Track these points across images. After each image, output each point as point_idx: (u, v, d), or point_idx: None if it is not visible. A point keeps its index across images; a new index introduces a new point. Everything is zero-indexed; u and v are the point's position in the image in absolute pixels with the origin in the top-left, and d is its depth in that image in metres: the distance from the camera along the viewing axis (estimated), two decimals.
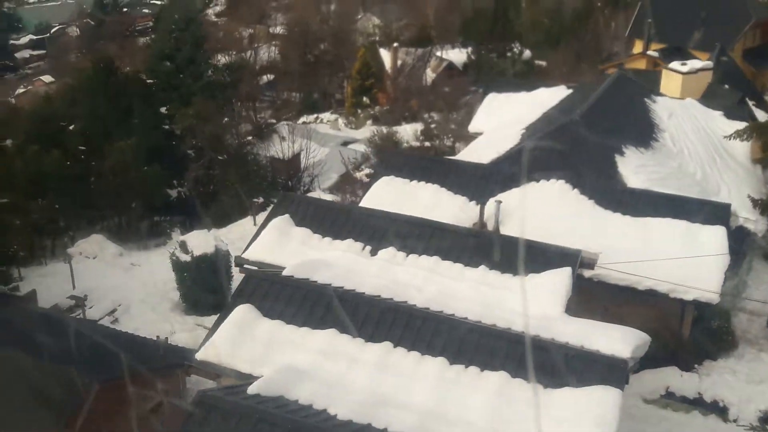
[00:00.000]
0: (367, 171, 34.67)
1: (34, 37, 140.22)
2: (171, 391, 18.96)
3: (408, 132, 44.08)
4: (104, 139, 36.23)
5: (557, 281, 12.67)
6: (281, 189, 37.66)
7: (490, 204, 16.73)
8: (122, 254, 34.79)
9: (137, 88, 37.12)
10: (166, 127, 37.84)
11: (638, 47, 48.26)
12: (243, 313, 11.66)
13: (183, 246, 26.70)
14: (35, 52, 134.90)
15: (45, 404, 15.60)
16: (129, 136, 36.00)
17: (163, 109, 37.43)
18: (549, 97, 23.93)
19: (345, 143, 46.74)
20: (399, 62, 61.12)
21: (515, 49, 57.37)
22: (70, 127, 39.25)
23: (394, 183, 18.39)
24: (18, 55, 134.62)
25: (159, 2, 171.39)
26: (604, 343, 10.59)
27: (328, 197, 37.37)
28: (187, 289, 26.70)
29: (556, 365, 10.09)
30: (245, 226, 34.77)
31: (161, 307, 27.64)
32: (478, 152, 20.75)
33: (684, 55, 45.48)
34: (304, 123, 55.20)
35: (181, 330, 25.55)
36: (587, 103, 19.31)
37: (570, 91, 23.87)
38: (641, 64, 44.38)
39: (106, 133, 36.44)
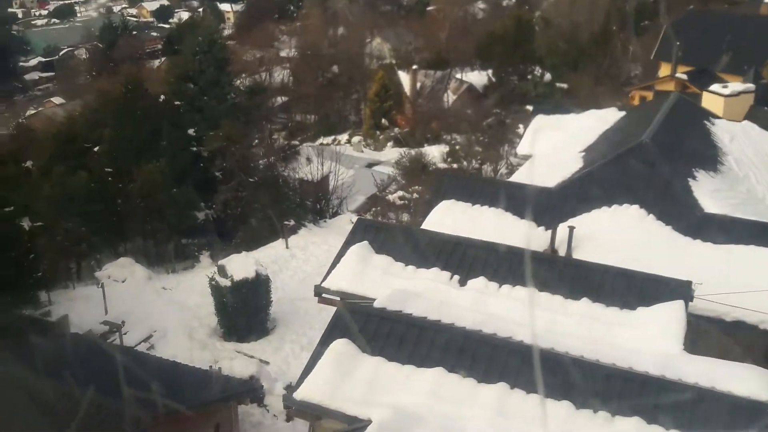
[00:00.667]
0: (400, 193, 34.04)
1: (43, 59, 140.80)
2: (225, 422, 18.29)
3: (434, 153, 43.57)
4: (132, 160, 35.74)
5: (672, 316, 11.94)
6: (311, 212, 37.09)
7: (561, 229, 16.10)
8: (151, 278, 34.14)
9: (166, 110, 36.65)
10: (194, 149, 37.30)
11: (664, 70, 47.92)
12: (341, 349, 10.96)
13: (222, 270, 26.06)
14: (44, 74, 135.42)
15: None
16: (157, 158, 35.54)
17: (190, 131, 36.89)
18: (600, 119, 23.42)
19: (369, 165, 46.24)
20: (418, 84, 60.83)
21: (536, 72, 57.08)
22: (95, 149, 38.82)
23: (455, 207, 17.77)
24: (27, 76, 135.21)
25: (167, 26, 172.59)
26: (737, 384, 9.92)
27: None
28: (226, 315, 26.02)
29: (692, 410, 9.42)
30: (277, 248, 34.15)
31: (198, 333, 26.93)
32: (534, 175, 20.16)
33: (712, 78, 45.10)
34: (322, 144, 54.77)
35: (221, 357, 24.84)
36: (651, 125, 18.77)
37: (622, 113, 23.37)
38: (670, 87, 43.96)
39: (134, 155, 35.93)
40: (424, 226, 17.70)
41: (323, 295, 15.42)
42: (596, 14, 77.89)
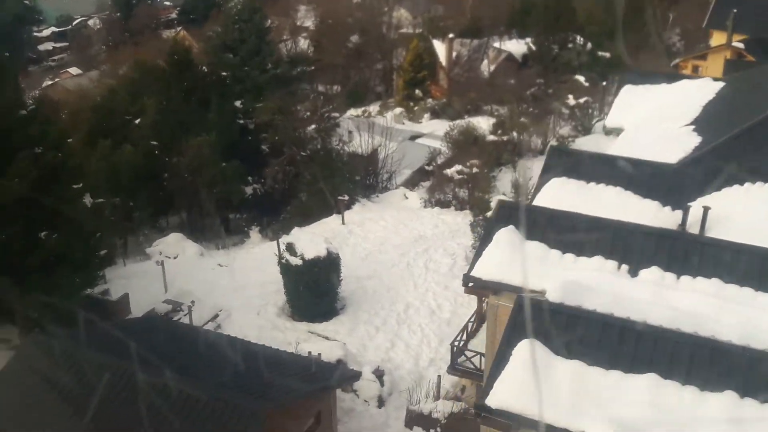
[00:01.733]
0: (457, 167, 32.88)
1: (56, 30, 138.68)
2: (325, 410, 17.44)
3: (482, 125, 42.28)
4: (178, 134, 34.65)
5: None
6: (362, 186, 36.01)
7: (694, 209, 15.02)
8: (203, 254, 33.25)
9: (212, 81, 35.41)
10: (240, 121, 36.12)
11: (717, 38, 46.32)
12: (530, 351, 9.87)
13: (290, 248, 25.06)
14: (58, 45, 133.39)
15: None
16: (205, 131, 34.42)
17: (237, 103, 35.68)
18: (695, 90, 22.18)
19: (412, 137, 44.95)
20: (454, 54, 59.28)
21: (578, 41, 55.42)
22: (136, 122, 37.68)
23: (569, 185, 16.62)
24: (41, 47, 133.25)
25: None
26: None
27: (412, 194, 35.76)
28: (296, 295, 25.07)
29: None
30: (332, 224, 33.13)
31: (266, 313, 26.02)
32: (635, 149, 18.99)
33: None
34: (358, 116, 53.49)
35: (294, 339, 23.95)
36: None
37: (719, 83, 22.12)
38: (724, 56, 42.47)
39: (180, 128, 34.81)
40: (536, 203, 16.57)
41: (471, 284, 14.16)
42: None
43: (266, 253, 33.07)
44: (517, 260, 13.00)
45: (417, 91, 60.31)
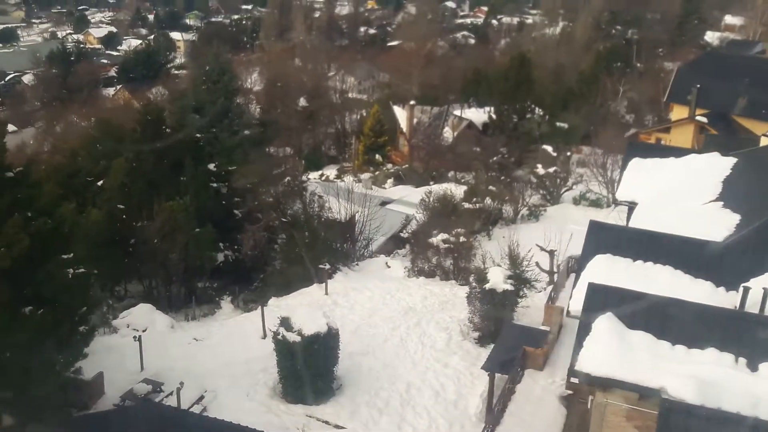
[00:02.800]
0: (442, 236, 32.09)
1: None
2: None
3: (453, 193, 41.83)
4: (148, 197, 32.83)
5: None
6: (340, 254, 34.76)
7: (754, 291, 14.48)
8: (173, 326, 31.14)
9: (185, 143, 33.92)
10: (214, 185, 34.59)
11: (678, 113, 47.75)
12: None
13: (286, 323, 23.46)
14: None
15: None
16: (177, 195, 32.75)
17: (211, 166, 34.23)
18: (706, 165, 22.13)
19: (383, 203, 44.09)
20: (415, 120, 59.40)
21: (537, 111, 56.44)
22: (98, 183, 35.70)
23: (617, 263, 15.93)
24: None
25: (115, 53, 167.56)
26: None
27: (395, 263, 34.67)
28: (291, 374, 23.33)
29: None
30: (314, 295, 31.62)
31: (256, 394, 24.15)
32: (660, 225, 18.50)
33: (729, 122, 45.11)
34: (324, 180, 52.57)
35: (292, 424, 22.18)
36: None
37: (730, 158, 22.14)
38: (689, 129, 43.70)
39: (151, 191, 33.05)
40: (582, 281, 15.74)
41: (580, 381, 12.84)
42: (578, 56, 78.57)
43: (243, 326, 31.29)
44: (625, 353, 11.92)
45: (377, 156, 59.98)
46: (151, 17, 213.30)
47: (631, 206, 22.09)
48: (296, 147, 73.62)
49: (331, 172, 62.65)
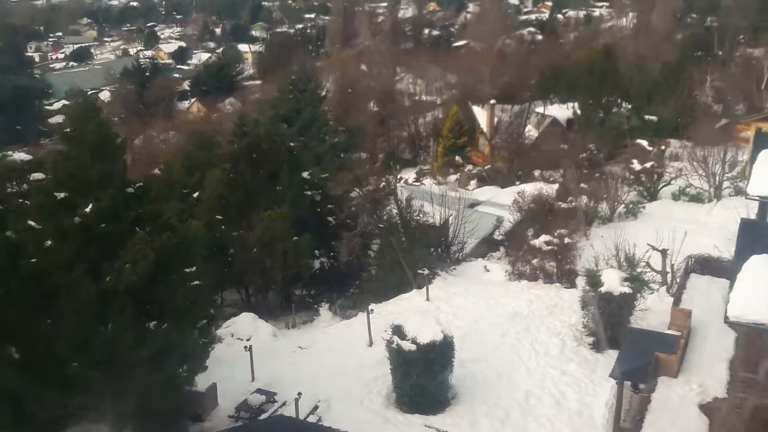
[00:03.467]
0: (545, 237, 31.10)
1: (67, 103, 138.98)
2: None
3: (548, 193, 40.67)
4: (246, 207, 32.96)
5: None
6: (438, 258, 34.15)
7: None
8: (276, 335, 31.12)
9: (281, 152, 33.89)
10: (308, 193, 34.46)
11: None
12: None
13: (398, 331, 22.94)
14: None
15: None
16: (274, 204, 32.74)
17: (305, 174, 34.09)
18: None
19: (471, 205, 43.24)
20: (495, 120, 58.37)
21: (623, 105, 54.67)
22: (194, 195, 36.05)
23: None
24: (51, 120, 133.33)
25: (185, 67, 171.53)
26: None
27: (494, 266, 33.85)
28: (406, 383, 22.77)
29: None
30: (414, 300, 31.10)
31: (371, 403, 23.70)
32: None
33: None
34: (408, 183, 52.10)
35: None
36: None
37: None
38: None
39: (248, 202, 33.14)
40: (740, 285, 14.64)
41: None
42: (657, 46, 76.00)
43: (346, 333, 30.97)
44: None
45: (457, 158, 59.18)
46: (218, 31, 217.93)
47: (764, 201, 20.72)
48: (371, 152, 73.54)
49: (409, 175, 62.15)
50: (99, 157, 18.36)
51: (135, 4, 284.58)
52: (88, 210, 17.97)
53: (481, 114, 59.74)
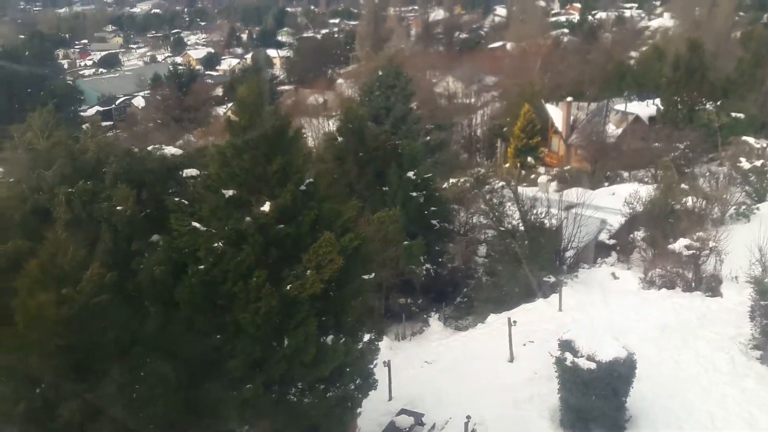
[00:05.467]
0: (684, 241, 28.69)
1: (100, 109, 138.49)
2: None
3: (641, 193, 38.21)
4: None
5: None
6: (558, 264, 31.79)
7: None
8: (391, 347, 28.87)
9: (387, 150, 31.71)
10: (413, 194, 32.23)
11: None
12: None
13: (568, 346, 20.59)
14: (103, 123, 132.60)
15: None
16: (382, 206, 30.54)
17: (410, 174, 31.87)
18: None
19: (567, 208, 40.81)
20: (571, 118, 55.97)
21: (708, 103, 52.15)
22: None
23: None
24: (85, 127, 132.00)
25: (214, 73, 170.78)
26: None
27: (625, 273, 31.48)
28: (582, 405, 20.42)
29: None
30: (542, 309, 28.71)
31: (535, 427, 21.35)
32: None
33: None
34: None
35: None
36: None
37: None
38: None
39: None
40: None
41: None
42: (721, 43, 73.25)
43: (469, 346, 28.68)
44: None
45: (529, 159, 56.84)
46: (244, 37, 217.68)
47: None
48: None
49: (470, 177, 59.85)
50: (275, 149, 16.20)
51: (158, 11, 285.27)
52: (266, 209, 15.78)
53: (555, 112, 57.35)
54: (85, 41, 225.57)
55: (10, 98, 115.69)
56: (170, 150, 18.42)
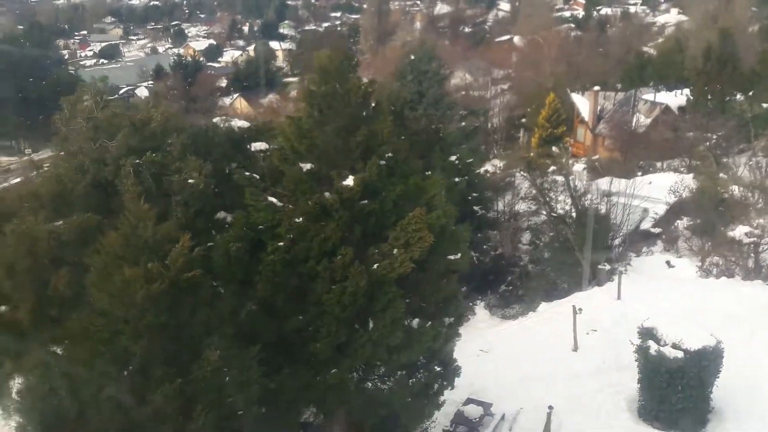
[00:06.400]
0: (745, 228, 27.56)
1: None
2: None
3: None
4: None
5: None
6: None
7: None
8: None
9: (430, 133, 30.46)
10: (456, 179, 30.98)
11: None
12: None
13: (650, 334, 19.43)
14: None
15: None
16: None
17: (453, 158, 30.65)
18: None
19: (606, 195, 39.63)
20: (598, 108, 54.79)
21: (737, 94, 51.01)
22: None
23: None
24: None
25: (216, 65, 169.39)
26: None
27: (681, 261, 30.34)
28: (667, 396, 19.24)
29: None
30: (599, 298, 27.50)
31: (612, 418, 20.20)
32: None
33: None
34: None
35: None
36: None
37: None
38: None
39: None
40: None
41: None
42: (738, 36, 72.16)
43: (522, 335, 27.54)
44: None
45: (554, 148, 55.61)
46: (245, 29, 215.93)
47: None
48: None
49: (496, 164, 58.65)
50: (359, 119, 14.97)
51: (157, 3, 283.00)
52: (350, 183, 14.54)
53: (581, 102, 56.15)
54: (85, 32, 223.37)
55: (12, 87, 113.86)
56: (237, 123, 17.14)
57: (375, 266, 14.44)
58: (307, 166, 15.08)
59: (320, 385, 14.56)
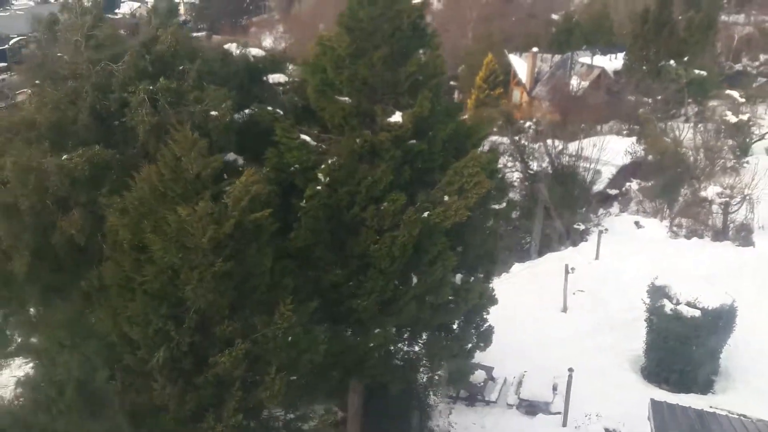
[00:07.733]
0: (716, 189, 27.64)
1: None
2: None
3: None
4: None
5: None
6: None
7: None
8: None
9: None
10: None
11: None
12: None
13: (661, 292, 18.86)
14: None
15: None
16: None
17: None
18: None
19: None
20: (536, 70, 54.51)
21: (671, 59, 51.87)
22: None
23: None
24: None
25: (115, 16, 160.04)
26: None
27: (650, 221, 30.18)
28: (681, 357, 18.72)
29: None
30: (576, 258, 26.85)
31: (621, 380, 19.56)
32: None
33: None
34: None
35: None
36: None
37: None
38: None
39: None
40: None
41: None
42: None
43: (506, 296, 26.47)
44: None
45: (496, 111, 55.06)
46: None
47: None
48: None
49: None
50: (411, 47, 13.26)
51: None
52: (398, 119, 12.88)
53: (519, 64, 55.68)
54: None
55: None
56: (252, 50, 15.00)
57: (426, 214, 12.86)
58: (346, 101, 13.25)
59: (361, 347, 12.97)
